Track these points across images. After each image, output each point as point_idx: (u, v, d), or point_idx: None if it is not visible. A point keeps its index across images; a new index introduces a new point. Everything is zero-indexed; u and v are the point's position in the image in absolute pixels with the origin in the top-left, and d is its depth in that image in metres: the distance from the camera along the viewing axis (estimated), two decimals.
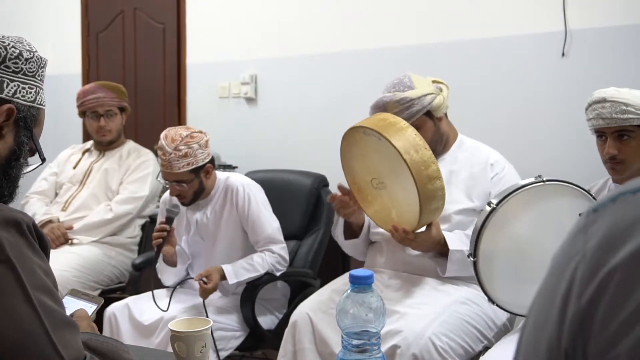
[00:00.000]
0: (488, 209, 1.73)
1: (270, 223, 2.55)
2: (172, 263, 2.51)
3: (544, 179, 1.71)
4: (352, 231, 2.28)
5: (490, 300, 1.79)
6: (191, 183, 2.43)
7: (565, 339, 0.49)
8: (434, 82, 2.20)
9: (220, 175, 2.63)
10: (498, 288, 1.78)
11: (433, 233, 2.01)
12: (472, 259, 1.75)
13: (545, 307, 0.54)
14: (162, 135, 2.41)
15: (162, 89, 4.21)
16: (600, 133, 2.00)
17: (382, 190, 2.05)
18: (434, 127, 2.18)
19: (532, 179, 1.73)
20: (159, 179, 2.49)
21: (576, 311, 0.49)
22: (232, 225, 2.56)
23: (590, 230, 0.51)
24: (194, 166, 2.40)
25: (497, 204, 1.72)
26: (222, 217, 2.56)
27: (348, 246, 2.34)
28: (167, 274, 2.57)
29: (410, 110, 2.10)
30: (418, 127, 2.13)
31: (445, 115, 2.25)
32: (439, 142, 2.22)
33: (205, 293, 2.36)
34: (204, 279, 2.37)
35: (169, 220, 2.41)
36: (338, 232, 2.31)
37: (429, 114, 2.16)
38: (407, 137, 1.85)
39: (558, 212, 1.73)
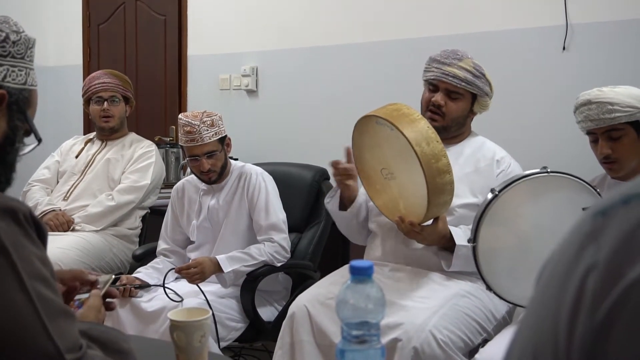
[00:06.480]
0: (490, 196, 1.75)
1: (276, 212, 2.59)
2: None
3: (549, 170, 1.73)
4: (342, 204, 2.27)
5: (489, 288, 1.80)
6: (219, 155, 2.55)
7: (575, 354, 0.46)
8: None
9: (235, 163, 2.71)
10: (497, 276, 1.80)
11: (439, 227, 2.00)
12: (471, 244, 1.76)
13: (547, 319, 0.50)
14: (181, 116, 2.52)
15: (163, 81, 4.21)
16: (592, 134, 2.01)
17: (392, 180, 2.03)
18: (466, 113, 2.22)
19: (537, 169, 1.75)
20: (183, 162, 2.58)
21: (589, 326, 0.45)
22: (240, 213, 2.60)
23: (602, 237, 0.47)
24: (220, 135, 2.55)
25: (500, 191, 1.74)
26: (232, 204, 2.61)
27: (341, 220, 2.32)
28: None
29: (473, 80, 2.15)
30: (459, 98, 2.17)
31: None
32: (457, 128, 2.23)
33: (191, 279, 2.38)
34: (192, 270, 2.39)
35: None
36: (332, 204, 2.28)
37: (474, 98, 2.20)
38: (420, 129, 1.83)
39: (560, 204, 1.74)
